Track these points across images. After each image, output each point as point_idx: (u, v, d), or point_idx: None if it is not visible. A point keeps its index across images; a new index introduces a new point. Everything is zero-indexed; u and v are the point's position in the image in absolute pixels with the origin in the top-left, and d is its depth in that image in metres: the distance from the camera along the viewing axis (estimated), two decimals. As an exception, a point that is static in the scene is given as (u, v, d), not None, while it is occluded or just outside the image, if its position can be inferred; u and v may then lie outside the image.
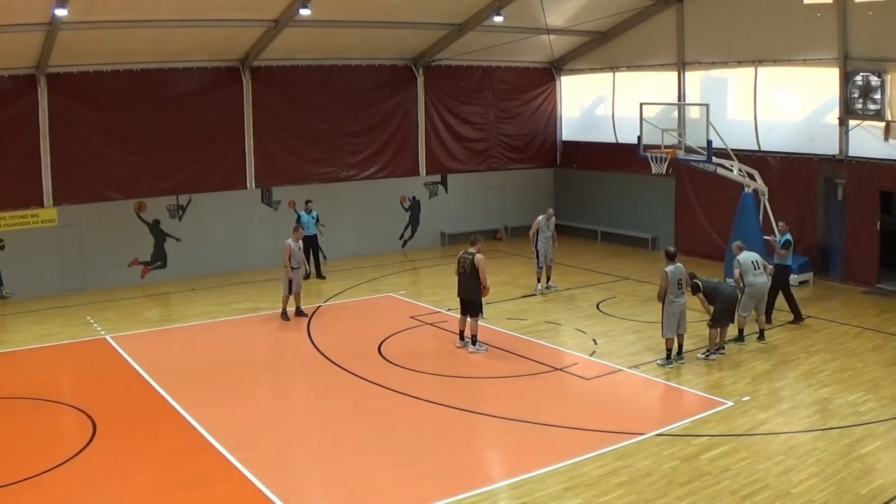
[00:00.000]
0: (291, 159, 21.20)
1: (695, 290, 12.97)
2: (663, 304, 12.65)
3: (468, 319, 13.76)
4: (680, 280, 12.66)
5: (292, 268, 15.74)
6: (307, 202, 19.58)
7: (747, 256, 13.78)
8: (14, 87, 17.67)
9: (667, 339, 12.80)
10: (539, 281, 17.87)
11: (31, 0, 14.81)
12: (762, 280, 13.82)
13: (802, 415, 10.79)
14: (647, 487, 8.77)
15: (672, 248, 13.13)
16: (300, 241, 16.18)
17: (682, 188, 21.52)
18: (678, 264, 12.76)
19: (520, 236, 23.83)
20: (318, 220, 19.55)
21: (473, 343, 13.65)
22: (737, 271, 13.58)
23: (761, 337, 13.91)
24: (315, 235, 19.51)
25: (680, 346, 12.91)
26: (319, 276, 19.53)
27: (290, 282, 15.80)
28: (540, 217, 17.77)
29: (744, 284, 13.61)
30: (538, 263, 17.74)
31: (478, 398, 11.87)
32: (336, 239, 21.75)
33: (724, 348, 13.25)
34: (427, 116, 23.27)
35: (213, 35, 18.37)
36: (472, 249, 13.61)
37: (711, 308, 12.96)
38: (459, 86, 23.74)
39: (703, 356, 13.10)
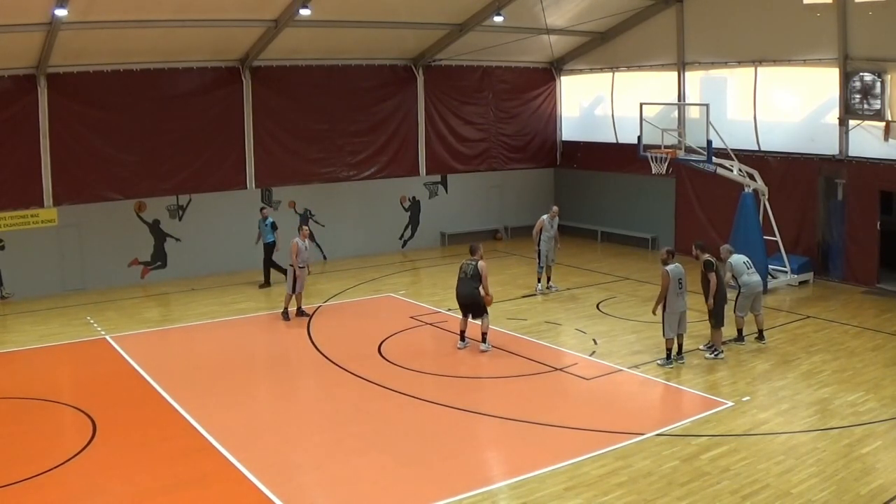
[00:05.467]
0: (291, 159, 21.21)
1: (708, 267, 12.90)
2: (664, 304, 12.63)
3: (475, 321, 13.77)
4: (680, 279, 12.64)
5: (298, 266, 15.74)
6: (262, 209, 18.86)
7: (738, 258, 13.83)
8: (14, 87, 17.67)
9: (667, 340, 12.80)
10: (539, 280, 17.85)
11: (31, 0, 14.81)
12: (756, 279, 13.84)
13: (802, 415, 10.79)
14: (647, 487, 8.77)
15: (671, 248, 13.12)
16: (307, 241, 16.21)
17: (682, 188, 21.52)
18: (677, 264, 12.76)
19: (520, 236, 23.84)
20: (274, 227, 18.56)
21: (484, 341, 13.68)
22: (728, 274, 13.59)
23: (760, 337, 13.91)
24: (273, 243, 18.53)
25: (680, 346, 12.91)
26: (267, 283, 18.65)
27: (295, 281, 15.79)
28: (544, 216, 17.70)
29: (739, 285, 13.63)
30: (539, 263, 17.71)
31: (478, 398, 11.87)
32: (336, 239, 21.80)
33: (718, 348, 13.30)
34: (427, 116, 23.27)
35: (213, 35, 18.37)
36: (474, 258, 13.68)
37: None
38: (459, 86, 23.74)
39: (713, 356, 13.07)
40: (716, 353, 13.10)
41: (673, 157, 17.59)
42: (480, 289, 13.53)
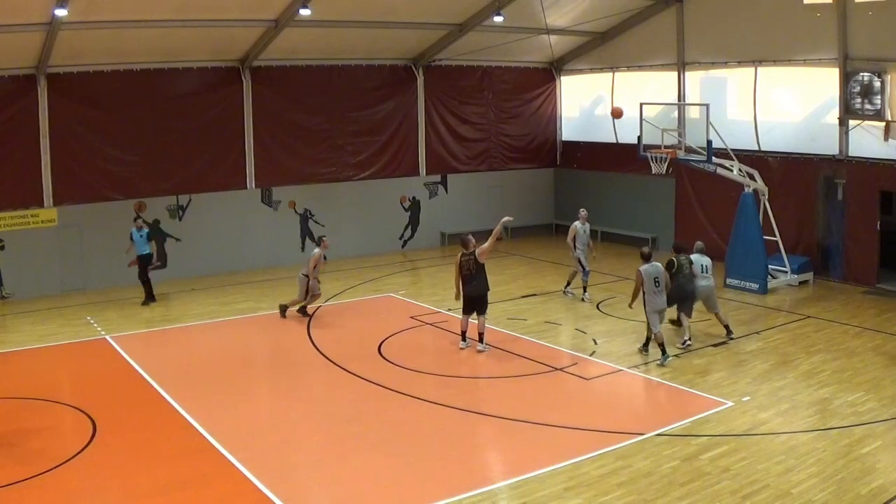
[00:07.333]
0: (291, 159, 21.20)
1: (668, 267, 13.41)
2: (644, 302, 12.98)
3: (477, 317, 13.74)
4: (656, 278, 12.90)
5: (314, 278, 15.67)
6: (136, 219, 17.52)
7: (698, 259, 14.04)
8: (14, 87, 17.67)
9: (655, 335, 12.97)
10: (585, 290, 16.95)
11: (31, 0, 14.82)
12: (706, 283, 14.00)
13: (802, 415, 10.79)
14: (647, 487, 8.77)
15: (647, 249, 13.39)
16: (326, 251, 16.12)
17: (682, 188, 21.52)
18: (654, 263, 13.04)
19: (520, 236, 23.86)
20: (150, 238, 17.40)
21: (481, 341, 13.67)
22: (687, 266, 13.91)
23: (728, 332, 14.06)
24: (149, 255, 17.34)
25: (662, 345, 13.10)
26: (150, 299, 17.44)
27: (307, 292, 15.72)
28: (575, 223, 17.05)
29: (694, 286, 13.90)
30: (584, 271, 16.89)
31: (478, 398, 11.88)
32: (336, 239, 21.75)
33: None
34: (427, 116, 23.28)
35: (213, 35, 18.37)
36: (469, 250, 13.61)
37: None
38: (459, 86, 23.75)
39: (683, 347, 13.39)
40: (684, 343, 13.42)
41: (673, 157, 17.59)
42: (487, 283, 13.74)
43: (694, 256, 14.02)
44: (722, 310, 14.43)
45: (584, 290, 17.03)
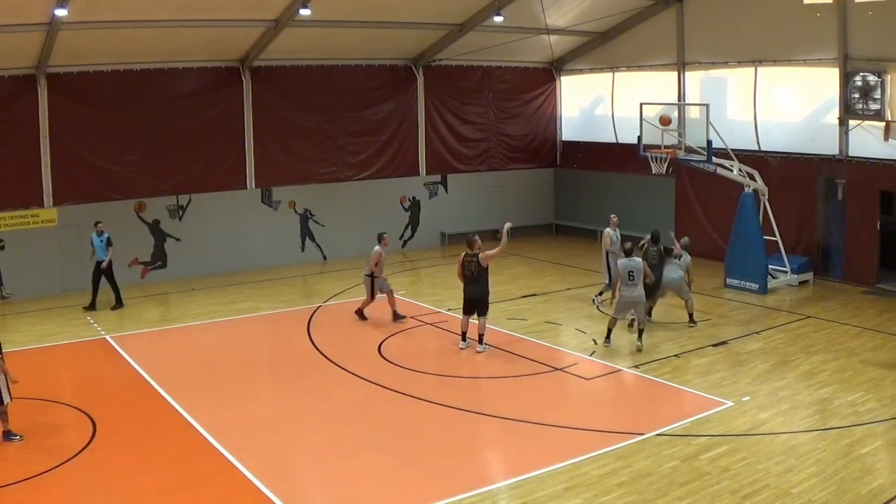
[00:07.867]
0: (291, 159, 21.20)
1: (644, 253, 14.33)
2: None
3: (477, 319, 13.72)
4: (631, 272, 13.35)
5: (374, 276, 15.53)
6: (96, 223, 16.88)
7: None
8: (14, 87, 17.68)
9: (611, 318, 13.74)
10: (601, 293, 16.65)
11: (31, 0, 14.82)
12: (675, 275, 14.68)
13: (802, 415, 10.79)
14: (647, 487, 8.77)
15: (629, 244, 13.77)
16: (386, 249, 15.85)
17: (682, 188, 21.52)
18: (633, 258, 13.49)
19: (520, 236, 23.81)
20: (109, 243, 16.81)
21: (481, 342, 13.66)
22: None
23: (690, 320, 14.74)
24: (107, 261, 16.86)
25: (640, 332, 13.56)
26: (92, 307, 16.96)
27: (373, 288, 15.58)
28: (607, 230, 16.78)
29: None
30: (609, 279, 16.32)
31: (478, 398, 11.88)
32: (336, 239, 21.79)
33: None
34: (427, 116, 23.27)
35: (213, 35, 18.37)
36: (473, 251, 13.59)
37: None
38: (459, 86, 23.74)
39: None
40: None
41: (673, 157, 17.59)
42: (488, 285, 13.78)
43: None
44: (692, 300, 14.89)
45: (600, 294, 16.76)
